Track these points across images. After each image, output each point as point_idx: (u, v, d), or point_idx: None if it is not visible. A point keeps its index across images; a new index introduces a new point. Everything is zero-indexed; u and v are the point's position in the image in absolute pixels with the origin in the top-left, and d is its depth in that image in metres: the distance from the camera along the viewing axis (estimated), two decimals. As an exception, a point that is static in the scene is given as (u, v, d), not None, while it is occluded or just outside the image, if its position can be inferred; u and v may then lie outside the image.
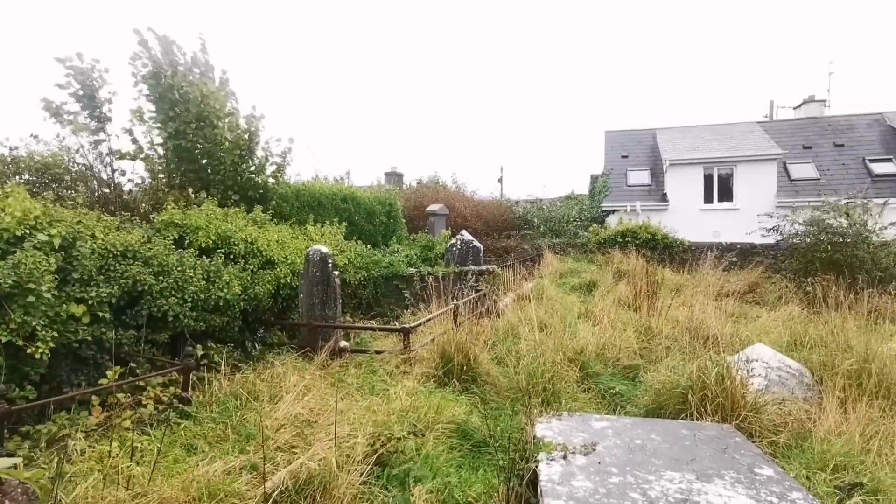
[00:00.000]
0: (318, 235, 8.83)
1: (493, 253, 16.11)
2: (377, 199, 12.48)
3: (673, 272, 13.94)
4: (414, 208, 17.24)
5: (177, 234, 6.00)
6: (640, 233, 15.42)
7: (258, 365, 5.78)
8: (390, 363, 5.97)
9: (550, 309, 9.76)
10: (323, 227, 9.28)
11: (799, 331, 6.94)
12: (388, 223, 12.51)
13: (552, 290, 11.71)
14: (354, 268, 9.42)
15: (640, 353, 6.52)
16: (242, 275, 6.17)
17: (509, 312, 8.68)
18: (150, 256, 5.05)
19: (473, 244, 10.36)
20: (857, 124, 20.29)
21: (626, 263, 13.88)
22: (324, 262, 6.74)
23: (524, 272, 12.80)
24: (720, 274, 12.90)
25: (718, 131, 20.97)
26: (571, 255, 15.67)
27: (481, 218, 18.66)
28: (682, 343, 6.45)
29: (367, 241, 11.40)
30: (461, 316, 8.13)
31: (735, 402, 4.04)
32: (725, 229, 18.21)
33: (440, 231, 13.87)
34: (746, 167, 18.52)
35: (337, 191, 10.85)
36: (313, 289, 6.77)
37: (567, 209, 19.65)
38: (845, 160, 19.04)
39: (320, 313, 6.78)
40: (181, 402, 4.32)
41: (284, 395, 4.56)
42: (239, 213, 7.12)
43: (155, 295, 4.97)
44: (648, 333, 7.24)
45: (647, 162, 21.43)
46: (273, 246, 7.00)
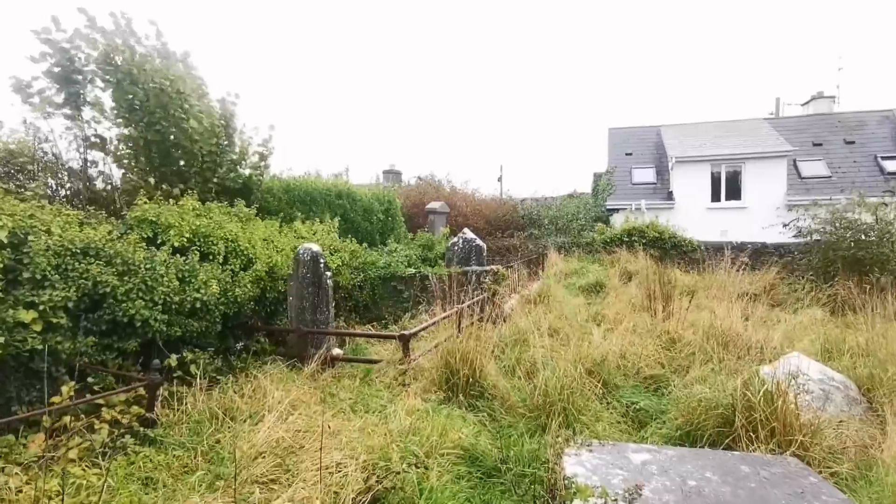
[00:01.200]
0: (309, 233, 8.24)
1: (496, 252, 15.54)
2: (375, 196, 11.90)
3: (682, 272, 13.39)
4: (413, 206, 16.65)
5: (150, 231, 5.40)
6: (647, 232, 14.85)
7: (241, 376, 5.19)
8: (388, 374, 5.38)
9: (559, 312, 9.20)
10: (315, 225, 8.69)
11: (833, 337, 6.38)
12: (387, 221, 11.92)
13: (559, 291, 11.16)
14: (350, 268, 8.83)
15: (661, 362, 5.96)
16: (222, 275, 5.57)
17: (516, 316, 8.12)
18: (113, 254, 4.45)
19: (476, 243, 9.78)
20: (867, 121, 19.76)
21: (634, 263, 13.33)
22: (315, 262, 6.15)
23: (529, 272, 12.24)
24: (733, 274, 12.36)
25: (725, 128, 20.43)
26: (576, 255, 15.10)
27: (483, 216, 18.08)
28: (706, 351, 5.88)
29: (364, 240, 10.81)
30: (465, 320, 7.57)
31: (788, 425, 3.47)
32: (733, 228, 17.67)
33: (440, 230, 13.28)
34: (755, 165, 17.97)
35: (331, 186, 10.25)
36: (303, 291, 6.18)
37: (574, 208, 19.06)
38: (856, 157, 18.51)
39: (311, 318, 6.19)
40: (144, 424, 3.72)
41: (266, 414, 3.97)
42: (219, 209, 6.51)
43: (119, 297, 4.37)
44: (667, 339, 6.67)
45: (652, 159, 20.87)
46: (258, 244, 6.41)
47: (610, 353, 5.47)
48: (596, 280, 12.27)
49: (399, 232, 12.67)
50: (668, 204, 18.68)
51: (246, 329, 6.31)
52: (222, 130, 7.58)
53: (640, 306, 9.25)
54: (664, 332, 6.80)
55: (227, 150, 7.72)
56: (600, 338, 6.74)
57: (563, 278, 12.75)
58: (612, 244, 14.88)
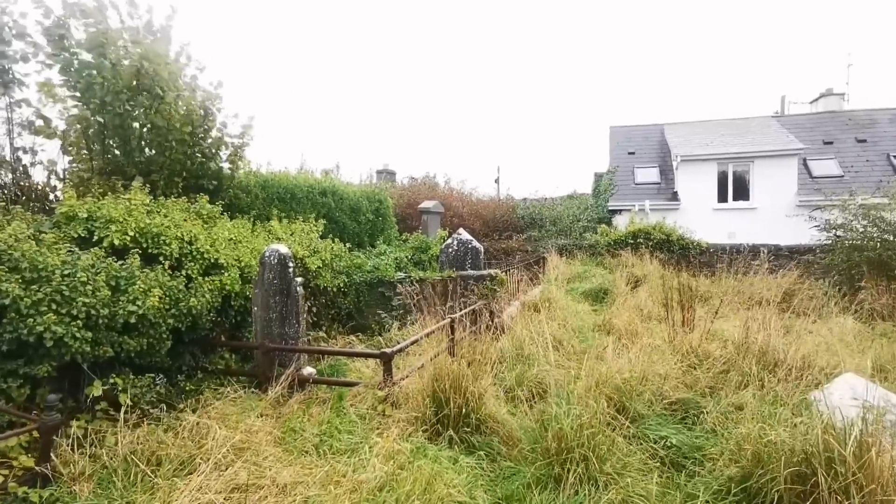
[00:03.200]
0: (286, 233, 7.37)
1: (493, 255, 14.70)
2: (364, 195, 11.03)
3: (692, 277, 12.57)
4: (407, 206, 15.78)
5: (83, 229, 4.52)
6: (653, 233, 14.02)
7: (192, 402, 4.31)
8: (367, 400, 4.50)
9: (563, 321, 8.35)
10: (293, 224, 7.81)
11: (884, 352, 5.55)
12: (376, 222, 11.06)
13: (561, 297, 10.31)
14: (333, 272, 7.96)
15: (686, 383, 5.10)
16: (173, 282, 4.69)
17: (516, 325, 7.27)
18: (18, 258, 3.57)
19: (472, 244, 8.92)
20: (879, 119, 19.00)
21: (640, 267, 12.50)
22: (283, 266, 5.28)
23: (529, 276, 11.39)
24: (748, 279, 11.54)
25: (732, 126, 19.64)
26: (578, 258, 14.26)
27: (480, 217, 17.23)
28: (742, 370, 5.02)
29: (352, 242, 9.95)
30: (459, 331, 6.73)
31: (884, 482, 2.61)
32: (741, 230, 16.85)
33: (435, 231, 12.42)
34: (764, 163, 17.17)
35: (314, 183, 9.38)
36: (270, 300, 5.30)
37: (575, 209, 18.24)
38: (869, 156, 17.73)
39: (278, 332, 5.31)
40: (33, 482, 2.84)
41: (201, 462, 3.09)
42: (177, 205, 5.63)
43: (24, 311, 3.49)
44: (690, 354, 5.82)
45: (655, 159, 20.06)
46: (222, 246, 5.53)
47: (626, 372, 4.60)
48: (601, 285, 11.44)
49: (390, 233, 11.81)
50: (672, 205, 17.87)
51: (206, 344, 5.44)
52: (200, 119, 6.69)
53: (654, 315, 8.41)
54: (687, 346, 5.95)
55: (202, 141, 6.83)
56: (614, 353, 5.91)
57: (566, 283, 11.90)
58: (617, 246, 14.04)
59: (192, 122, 6.62)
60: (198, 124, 6.77)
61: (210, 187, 7.01)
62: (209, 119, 6.99)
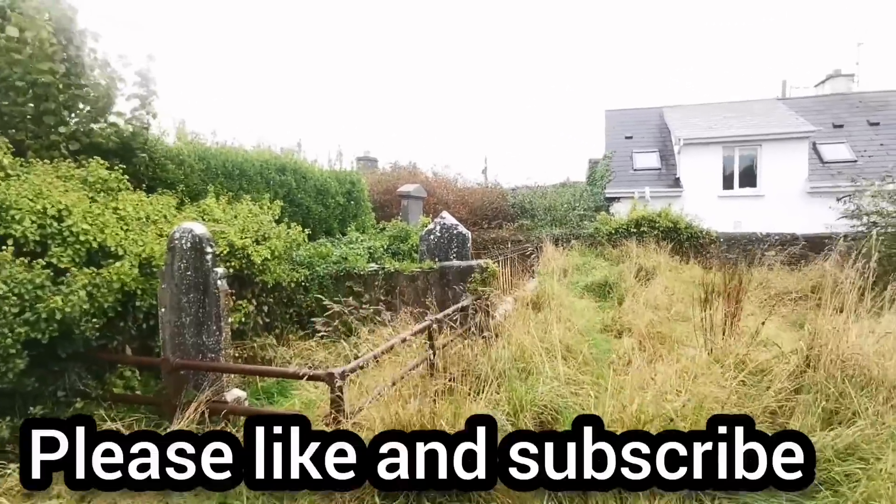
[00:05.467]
0: (227, 215, 5.92)
1: (482, 245, 13.32)
2: (333, 175, 9.57)
3: (704, 269, 11.32)
4: (386, 192, 14.32)
5: None
6: (658, 221, 12.74)
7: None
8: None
9: (566, 320, 7.02)
10: (240, 205, 6.36)
11: None
12: (348, 206, 9.62)
13: (561, 291, 8.98)
14: (291, 263, 6.56)
15: (753, 411, 3.77)
16: (25, 275, 3.25)
17: (513, 326, 5.92)
18: None
19: (458, 230, 7.55)
20: (891, 101, 17.88)
21: (647, 257, 11.20)
22: (199, 252, 3.84)
23: (522, 268, 10.05)
24: (771, 271, 10.31)
25: (736, 109, 18.41)
26: (576, 248, 12.92)
27: (467, 205, 15.81)
28: (826, 390, 3.70)
29: (318, 229, 8.54)
30: (444, 335, 5.42)
31: None
32: (748, 219, 15.64)
33: (417, 218, 11.00)
34: (773, 147, 15.96)
35: (270, 158, 7.90)
36: (181, 299, 3.87)
37: (570, 196, 16.91)
38: (883, 140, 16.60)
39: (193, 341, 3.88)
40: None
41: None
42: (46, 170, 4.14)
43: None
44: (739, 366, 4.51)
45: (654, 143, 18.78)
46: (115, 228, 4.07)
47: (685, 406, 3.24)
48: (605, 278, 10.14)
49: (364, 219, 10.38)
50: (674, 191, 16.60)
51: (95, 361, 3.99)
52: (59, 51, 5.06)
53: (675, 313, 7.09)
54: (734, 356, 4.63)
55: (76, 86, 5.21)
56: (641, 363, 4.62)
57: (564, 275, 10.55)
58: (619, 235, 12.75)
59: (49, 57, 4.90)
60: (57, 60, 5.01)
61: (110, 149, 5.36)
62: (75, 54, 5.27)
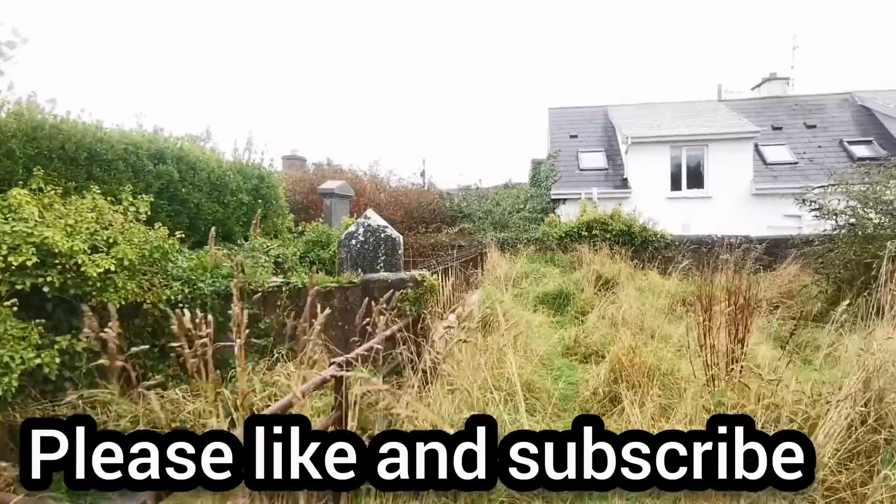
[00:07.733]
0: (54, 215, 4.13)
1: (420, 252, 11.85)
2: (236, 168, 7.79)
3: (660, 275, 10.38)
4: (310, 192, 12.57)
5: None
6: (611, 224, 11.76)
7: None
8: None
9: (524, 346, 5.69)
10: (80, 200, 4.56)
11: None
12: (255, 206, 7.84)
13: (509, 304, 7.68)
14: (165, 276, 4.86)
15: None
16: None
17: (456, 361, 4.50)
18: None
19: (386, 233, 6.05)
20: (826, 104, 18.02)
21: (603, 264, 10.09)
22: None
23: (464, 277, 8.66)
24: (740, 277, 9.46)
25: (681, 109, 18.00)
26: (523, 254, 11.69)
27: (402, 207, 14.29)
28: None
29: (216, 234, 6.75)
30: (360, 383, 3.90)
31: None
32: (696, 220, 15.06)
33: (341, 219, 9.36)
34: (719, 147, 15.52)
35: (140, 141, 6.06)
36: None
37: (513, 198, 15.77)
38: (820, 142, 16.58)
39: None
40: None
41: None
42: None
43: None
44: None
45: (600, 142, 18.02)
46: None
47: None
48: (558, 288, 8.94)
49: (277, 221, 8.64)
50: (622, 192, 15.82)
51: None
52: None
53: (654, 332, 5.88)
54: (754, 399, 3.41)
55: None
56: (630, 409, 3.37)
57: (511, 285, 9.22)
58: (570, 239, 11.64)
59: None
60: None
61: None
62: None
